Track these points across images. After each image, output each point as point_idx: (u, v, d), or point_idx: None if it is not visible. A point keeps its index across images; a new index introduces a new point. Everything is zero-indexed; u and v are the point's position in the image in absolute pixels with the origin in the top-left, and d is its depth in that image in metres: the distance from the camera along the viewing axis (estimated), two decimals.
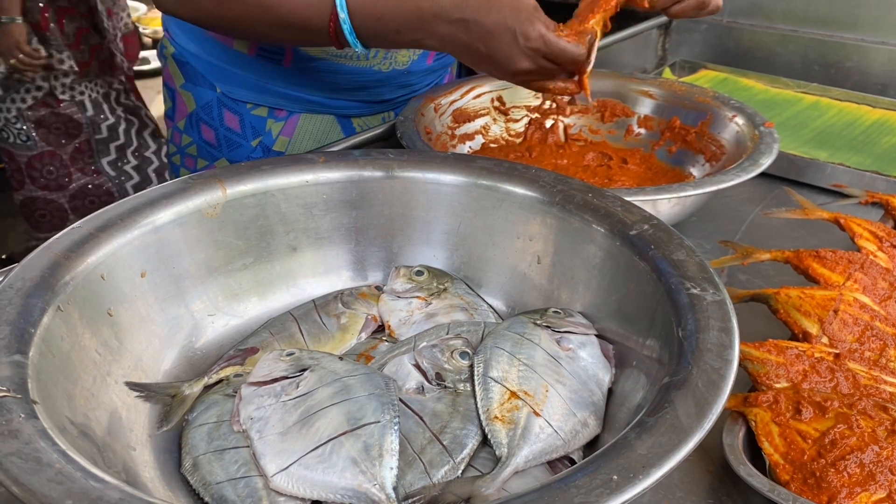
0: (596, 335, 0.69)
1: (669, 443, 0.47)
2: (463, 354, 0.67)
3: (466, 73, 1.37)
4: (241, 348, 0.72)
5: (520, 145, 1.20)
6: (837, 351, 0.70)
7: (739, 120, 1.07)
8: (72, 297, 0.61)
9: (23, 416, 0.48)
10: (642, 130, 1.20)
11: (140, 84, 4.99)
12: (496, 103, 1.20)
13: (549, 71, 0.84)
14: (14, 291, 0.58)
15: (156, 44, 5.32)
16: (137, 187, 2.64)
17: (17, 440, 0.46)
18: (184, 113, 1.22)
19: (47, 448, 0.46)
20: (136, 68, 5.16)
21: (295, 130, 1.19)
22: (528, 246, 0.77)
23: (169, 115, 1.26)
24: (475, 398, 0.63)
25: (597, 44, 0.84)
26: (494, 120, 1.20)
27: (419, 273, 0.78)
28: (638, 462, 0.46)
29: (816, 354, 0.69)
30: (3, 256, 3.05)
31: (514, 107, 1.21)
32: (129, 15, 2.81)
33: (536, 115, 1.22)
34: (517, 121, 1.22)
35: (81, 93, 2.43)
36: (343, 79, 1.14)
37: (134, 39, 2.82)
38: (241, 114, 1.18)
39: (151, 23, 5.37)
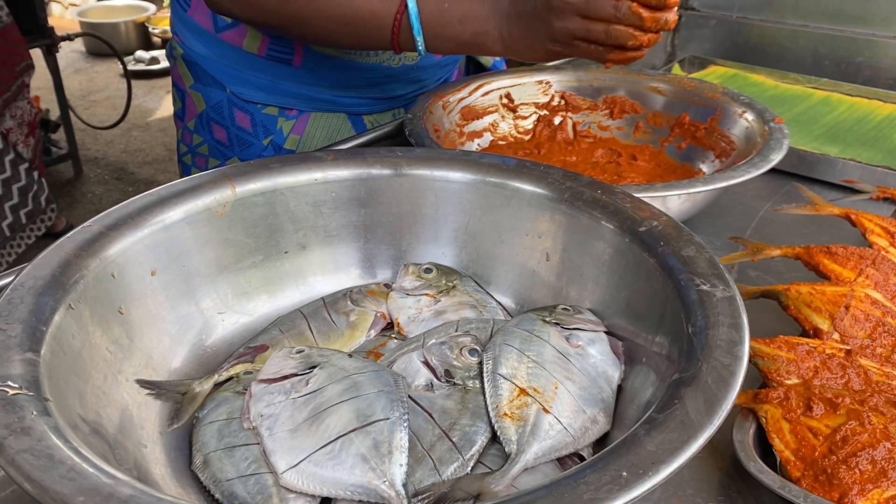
0: (605, 332, 0.69)
1: (679, 439, 0.47)
2: (472, 351, 0.67)
3: (475, 69, 1.38)
4: (251, 346, 0.72)
5: (528, 142, 1.20)
6: (849, 347, 0.70)
7: (749, 116, 1.07)
8: (83, 295, 0.61)
9: (35, 413, 0.49)
10: (651, 127, 1.19)
11: (150, 84, 5.02)
12: (505, 100, 1.20)
13: (587, 28, 0.85)
14: (26, 290, 0.59)
15: (165, 43, 5.36)
16: None
17: (30, 437, 0.47)
18: (194, 113, 1.23)
19: (59, 445, 0.47)
20: (146, 68, 5.16)
21: (306, 129, 1.19)
22: (537, 243, 0.77)
23: (179, 115, 1.27)
24: (484, 395, 0.63)
25: None
26: (503, 117, 1.20)
27: (428, 270, 0.78)
28: (648, 458, 0.46)
29: (827, 351, 0.69)
30: None
31: (522, 104, 1.21)
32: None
33: (545, 112, 1.22)
34: (526, 118, 1.21)
35: None
36: (354, 76, 1.14)
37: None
38: (251, 113, 1.19)
39: (161, 23, 5.40)
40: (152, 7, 5.55)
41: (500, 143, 1.19)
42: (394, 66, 1.15)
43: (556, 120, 1.22)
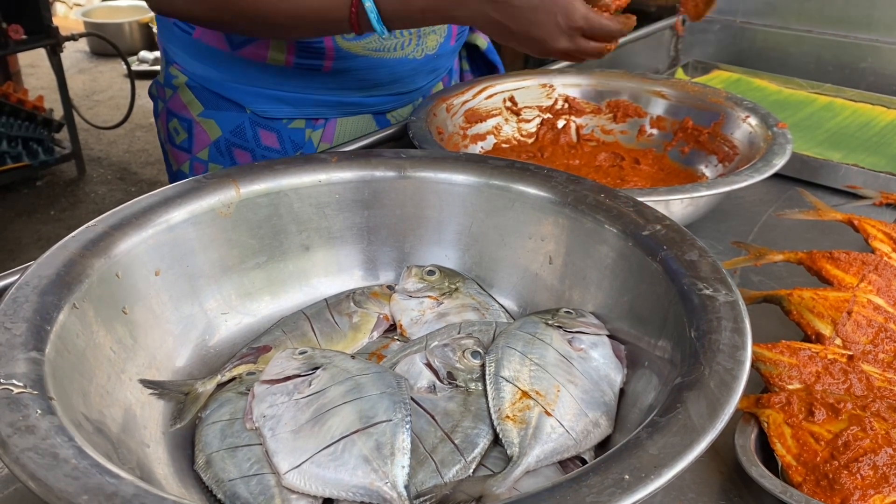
0: (608, 335, 0.69)
1: (681, 443, 0.47)
2: (475, 354, 0.67)
3: (467, 55, 1.37)
4: (254, 346, 0.72)
5: (532, 145, 1.20)
6: (851, 352, 0.70)
7: (752, 121, 1.07)
8: (87, 294, 0.61)
9: (39, 412, 0.49)
10: (655, 131, 1.20)
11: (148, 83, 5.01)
12: (508, 104, 1.20)
13: (584, 47, 0.88)
14: (31, 289, 0.59)
15: None
16: None
17: (34, 436, 0.47)
18: (206, 142, 1.18)
19: (64, 444, 0.47)
20: (150, 68, 5.15)
21: (334, 135, 1.19)
22: (540, 246, 0.77)
23: (183, 147, 1.21)
24: (487, 398, 0.63)
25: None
26: (506, 120, 1.20)
27: (431, 273, 0.78)
28: (650, 462, 0.46)
29: (829, 356, 0.69)
30: None
31: (525, 107, 1.21)
32: None
33: (548, 115, 1.22)
34: (529, 121, 1.22)
35: None
36: (382, 73, 1.14)
37: None
38: (277, 130, 1.16)
39: None
40: None
41: (504, 146, 1.19)
42: (417, 58, 1.15)
43: (560, 123, 1.22)
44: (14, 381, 0.50)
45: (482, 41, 1.35)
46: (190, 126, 1.19)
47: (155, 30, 5.27)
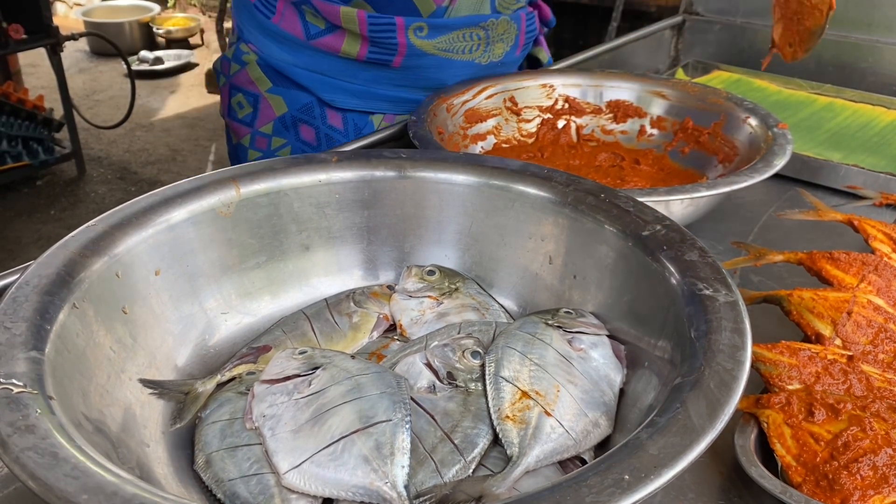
0: (608, 335, 0.69)
1: (681, 443, 0.47)
2: (474, 354, 0.67)
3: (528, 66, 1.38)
4: (254, 346, 0.72)
5: (532, 146, 1.20)
6: (850, 353, 0.70)
7: (753, 121, 1.07)
8: (87, 294, 0.61)
9: (39, 411, 0.49)
10: (655, 131, 1.20)
11: (153, 84, 5.03)
12: (508, 104, 1.20)
13: None
14: (31, 288, 0.59)
15: (169, 43, 5.36)
16: None
17: (34, 435, 0.47)
18: (270, 117, 1.22)
19: (63, 443, 0.47)
20: (150, 68, 5.14)
21: (395, 120, 1.22)
22: (540, 246, 0.77)
23: (245, 121, 1.25)
24: (486, 398, 0.63)
25: None
26: (506, 120, 1.20)
27: (431, 273, 0.78)
28: (650, 462, 0.46)
29: (829, 356, 0.69)
30: None
31: (525, 107, 1.21)
32: None
33: (549, 115, 1.22)
34: (529, 121, 1.22)
35: None
36: (447, 73, 1.18)
37: None
38: (343, 112, 1.21)
39: (165, 22, 5.41)
40: (157, 7, 5.56)
41: (504, 146, 1.19)
42: (482, 63, 1.20)
43: (560, 123, 1.22)
44: (14, 381, 0.50)
45: (544, 55, 1.39)
46: (256, 101, 1.23)
47: (155, 29, 5.28)
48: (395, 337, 0.75)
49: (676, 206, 0.89)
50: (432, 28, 1.13)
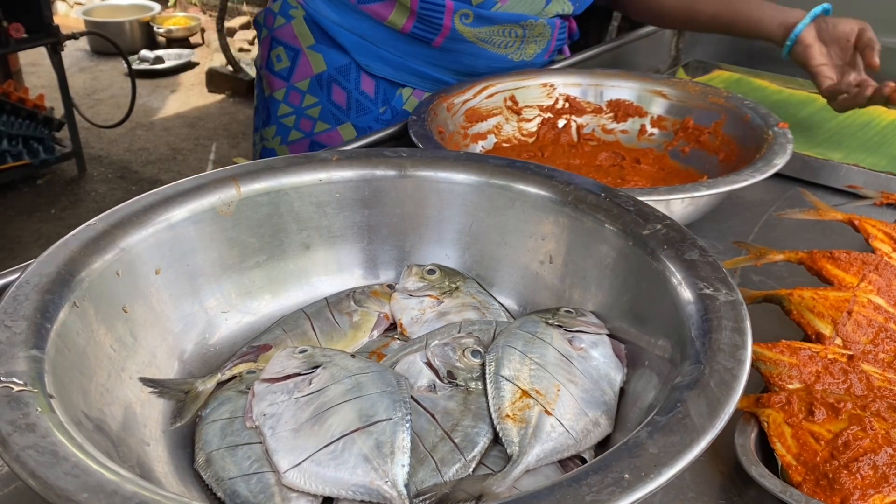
0: (608, 335, 0.69)
1: (681, 443, 0.47)
2: (475, 353, 0.67)
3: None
4: (255, 345, 0.72)
5: (532, 145, 1.20)
6: (851, 352, 0.70)
7: (753, 120, 1.07)
8: (87, 293, 0.61)
9: (39, 410, 0.49)
10: (655, 130, 1.20)
11: (154, 83, 5.03)
12: (509, 103, 1.20)
13: None
14: (31, 287, 0.59)
15: (170, 43, 5.36)
16: None
17: (34, 434, 0.47)
18: (307, 73, 1.25)
19: (64, 442, 0.47)
20: (150, 67, 5.15)
21: (422, 97, 1.24)
22: (541, 245, 0.77)
23: (282, 74, 1.27)
24: (487, 397, 0.63)
25: None
26: (507, 119, 1.20)
27: (431, 272, 0.78)
28: (650, 461, 0.46)
29: (830, 356, 0.69)
30: None
31: (526, 106, 1.21)
32: None
33: (549, 114, 1.22)
34: (530, 120, 1.22)
35: None
36: (480, 62, 1.22)
37: None
38: (376, 80, 1.24)
39: (165, 22, 5.40)
40: (157, 6, 5.56)
41: (504, 145, 1.19)
42: (514, 60, 1.24)
43: (560, 123, 1.22)
44: (14, 379, 0.50)
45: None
46: (296, 55, 1.25)
47: (156, 28, 5.28)
48: (396, 336, 0.75)
49: (677, 205, 0.89)
50: (477, 17, 1.17)
